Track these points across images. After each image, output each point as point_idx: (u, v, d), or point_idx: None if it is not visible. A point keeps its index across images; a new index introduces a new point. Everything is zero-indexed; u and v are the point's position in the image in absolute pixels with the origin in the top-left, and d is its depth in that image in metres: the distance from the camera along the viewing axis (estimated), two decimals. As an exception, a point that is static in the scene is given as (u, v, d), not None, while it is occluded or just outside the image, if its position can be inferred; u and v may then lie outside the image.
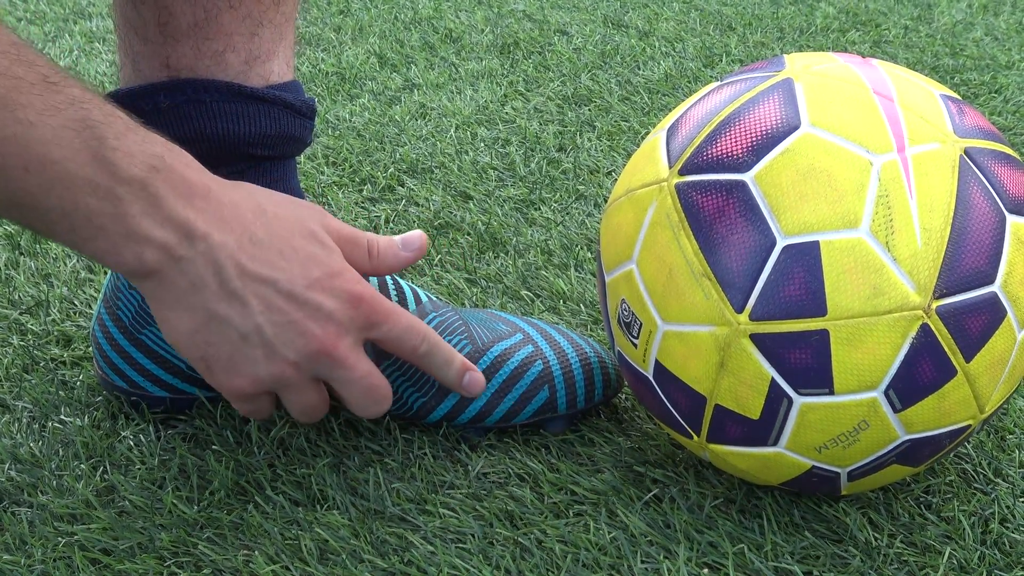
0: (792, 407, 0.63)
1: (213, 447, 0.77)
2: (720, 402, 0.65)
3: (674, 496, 0.72)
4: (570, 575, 0.66)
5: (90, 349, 0.88)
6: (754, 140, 0.64)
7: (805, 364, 0.62)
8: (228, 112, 0.74)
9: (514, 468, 0.75)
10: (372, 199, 1.17)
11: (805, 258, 0.61)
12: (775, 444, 0.65)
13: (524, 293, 0.97)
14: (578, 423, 0.80)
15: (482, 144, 1.31)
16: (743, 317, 0.63)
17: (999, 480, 0.74)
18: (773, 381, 0.63)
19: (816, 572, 0.67)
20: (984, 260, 0.62)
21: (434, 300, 0.81)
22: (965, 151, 0.64)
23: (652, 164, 0.69)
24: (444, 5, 1.92)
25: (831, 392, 0.63)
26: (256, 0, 0.74)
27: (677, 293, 0.65)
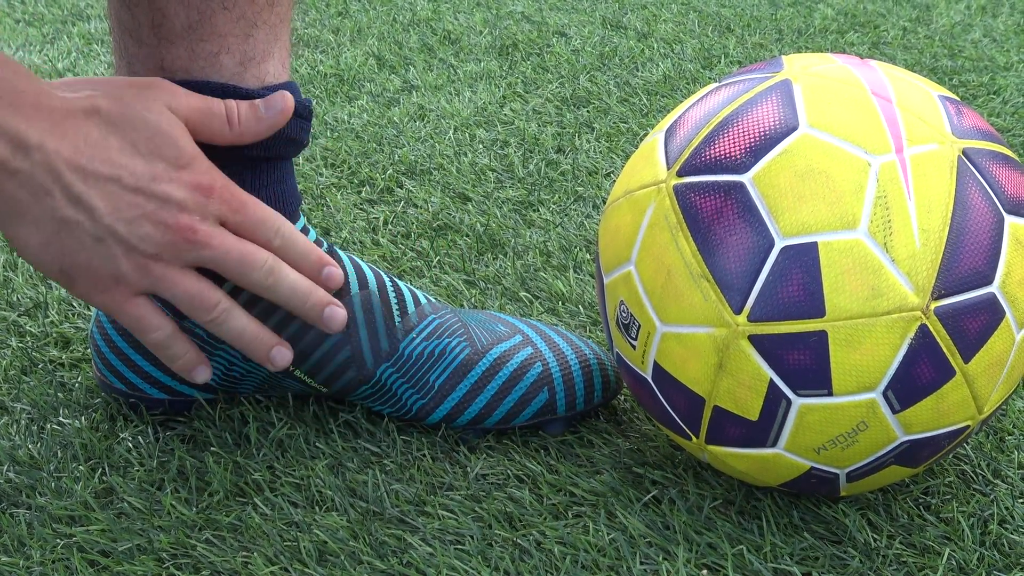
0: (791, 408, 0.63)
1: (212, 449, 0.77)
2: (719, 403, 0.65)
3: (673, 497, 0.72)
4: (569, 576, 0.67)
5: (88, 351, 0.88)
6: (752, 141, 0.64)
7: (804, 365, 0.62)
8: None
9: (513, 469, 0.75)
10: (371, 201, 1.17)
11: (803, 259, 0.61)
12: (774, 445, 0.66)
13: (523, 294, 0.97)
14: (577, 425, 0.80)
15: (481, 146, 1.31)
16: (741, 318, 0.63)
17: (998, 481, 0.74)
18: (772, 382, 0.63)
19: (815, 573, 0.67)
20: (982, 261, 0.62)
21: (433, 302, 0.81)
22: (963, 152, 0.64)
23: (650, 165, 0.69)
24: (443, 7, 1.93)
25: (830, 393, 0.63)
26: (250, 1, 0.74)
27: (675, 294, 0.65)
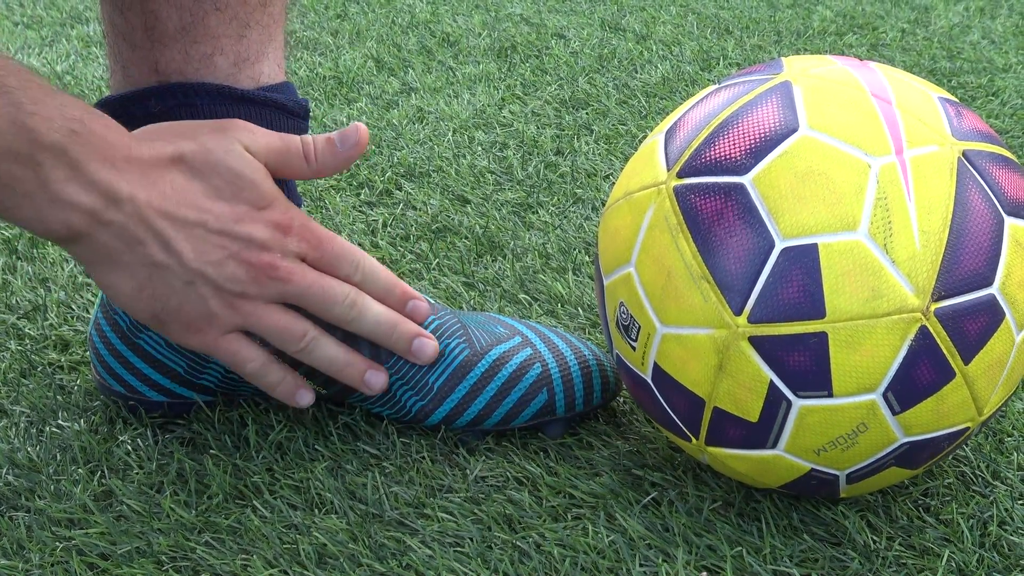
0: (791, 410, 0.63)
1: (211, 451, 0.77)
2: (719, 405, 0.65)
3: (672, 499, 0.72)
4: (569, 579, 0.66)
5: (87, 353, 0.88)
6: (752, 143, 0.64)
7: (804, 366, 0.62)
8: (219, 114, 0.74)
9: (512, 471, 0.75)
10: (370, 203, 1.17)
11: (804, 260, 0.61)
12: (774, 447, 0.65)
13: (522, 296, 0.97)
14: (576, 426, 0.80)
15: (480, 148, 1.31)
16: (742, 320, 0.63)
17: (998, 483, 0.74)
18: (772, 383, 0.63)
19: (814, 575, 0.67)
20: (982, 262, 0.62)
21: (432, 303, 0.81)
22: (963, 154, 0.64)
23: (650, 167, 0.69)
24: (441, 9, 1.93)
25: (830, 394, 0.63)
26: (242, 2, 0.74)
27: (675, 296, 0.65)
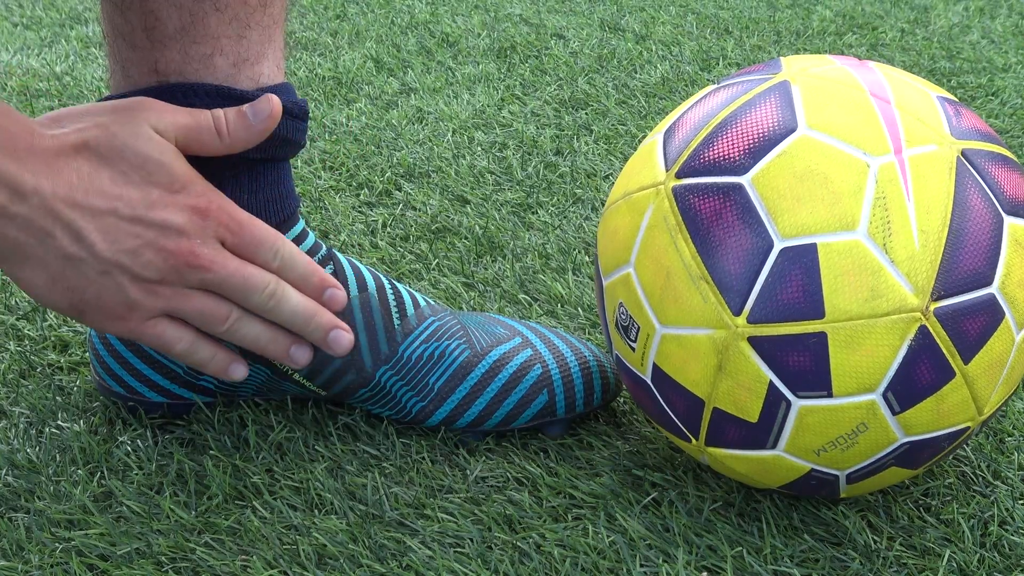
0: (791, 410, 0.63)
1: (211, 452, 0.77)
2: (718, 405, 0.65)
3: (673, 500, 0.72)
4: (569, 579, 0.66)
5: (87, 354, 0.88)
6: (751, 143, 0.64)
7: (803, 367, 0.62)
8: None
9: (512, 472, 0.75)
10: (369, 203, 1.17)
11: (803, 260, 0.61)
12: (774, 447, 0.65)
13: (522, 297, 0.97)
14: (577, 427, 0.80)
15: (479, 148, 1.31)
16: (741, 320, 0.63)
17: (998, 482, 0.74)
18: (771, 384, 0.63)
19: (815, 575, 0.67)
20: (982, 262, 0.62)
21: (432, 304, 0.81)
22: (962, 153, 0.64)
23: (649, 167, 0.68)
24: (441, 9, 1.93)
25: (829, 395, 0.62)
26: (242, 3, 0.74)
27: (675, 296, 0.65)
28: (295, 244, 0.75)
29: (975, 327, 0.62)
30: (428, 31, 1.80)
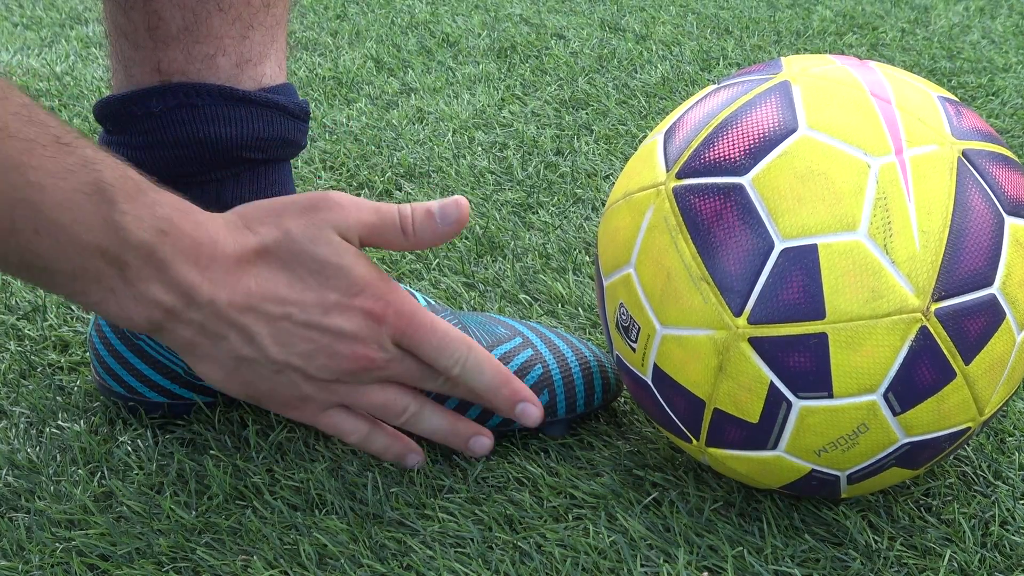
0: (791, 410, 0.63)
1: (211, 452, 0.77)
2: (719, 406, 0.65)
3: (673, 500, 0.72)
4: (569, 579, 0.66)
5: (87, 354, 0.88)
6: (751, 143, 0.64)
7: (804, 367, 0.62)
8: (221, 115, 0.74)
9: (513, 472, 0.75)
10: (370, 203, 1.17)
11: (803, 261, 0.61)
12: (774, 448, 0.65)
13: (522, 297, 0.97)
14: (577, 427, 0.80)
15: (479, 148, 1.31)
16: (741, 321, 0.63)
17: (999, 482, 0.74)
18: (772, 385, 0.63)
19: (816, 575, 0.67)
20: (983, 262, 0.62)
21: (433, 304, 0.81)
22: (963, 153, 0.64)
23: (649, 168, 0.68)
24: (441, 9, 1.93)
25: (830, 395, 0.62)
26: (246, 3, 0.74)
27: (675, 297, 0.65)
28: (487, 350, 0.73)
29: (976, 327, 0.62)
30: (428, 31, 1.80)
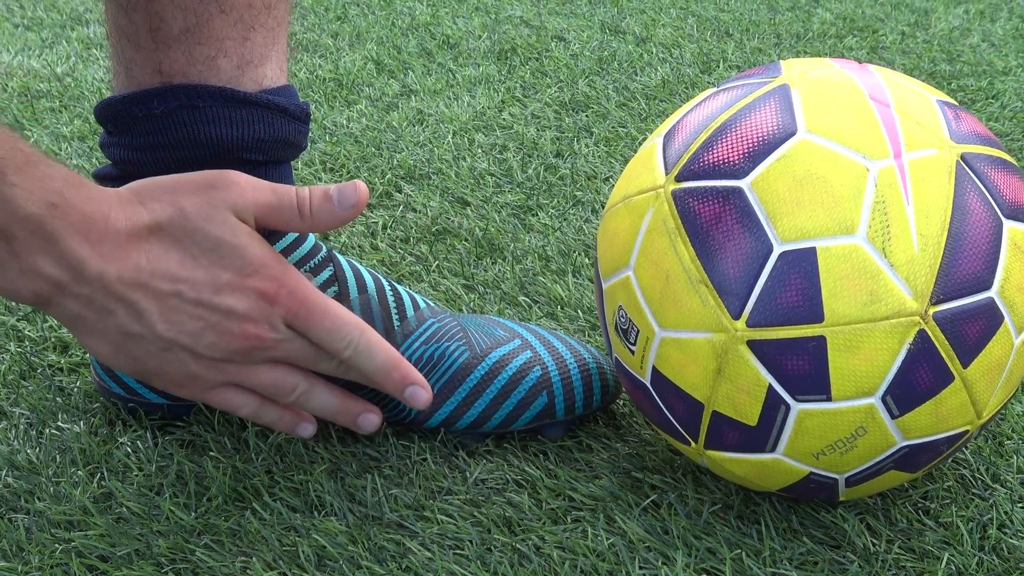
0: (790, 413, 0.63)
1: (210, 453, 0.77)
2: (718, 408, 0.65)
3: (672, 502, 0.72)
4: (568, 581, 0.67)
5: (87, 355, 0.88)
6: (750, 146, 0.64)
7: (802, 370, 0.62)
8: (221, 117, 0.74)
9: (512, 474, 0.75)
10: (370, 205, 1.17)
11: (802, 264, 0.61)
12: (773, 450, 0.65)
13: (522, 299, 0.97)
14: (576, 429, 0.80)
15: (479, 150, 1.31)
16: (740, 324, 0.63)
17: (997, 486, 0.74)
18: (770, 387, 0.63)
19: (814, 578, 0.67)
20: (981, 266, 0.63)
21: (432, 306, 0.81)
22: (962, 157, 0.64)
23: (649, 170, 0.69)
24: (441, 11, 1.93)
25: (828, 398, 0.63)
26: (247, 5, 0.74)
27: (674, 300, 0.65)
28: (380, 335, 0.73)
29: (974, 331, 0.62)
30: (429, 33, 1.80)
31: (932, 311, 0.62)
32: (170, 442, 0.79)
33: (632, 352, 0.69)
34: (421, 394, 0.72)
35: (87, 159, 1.27)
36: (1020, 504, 0.73)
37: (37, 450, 0.78)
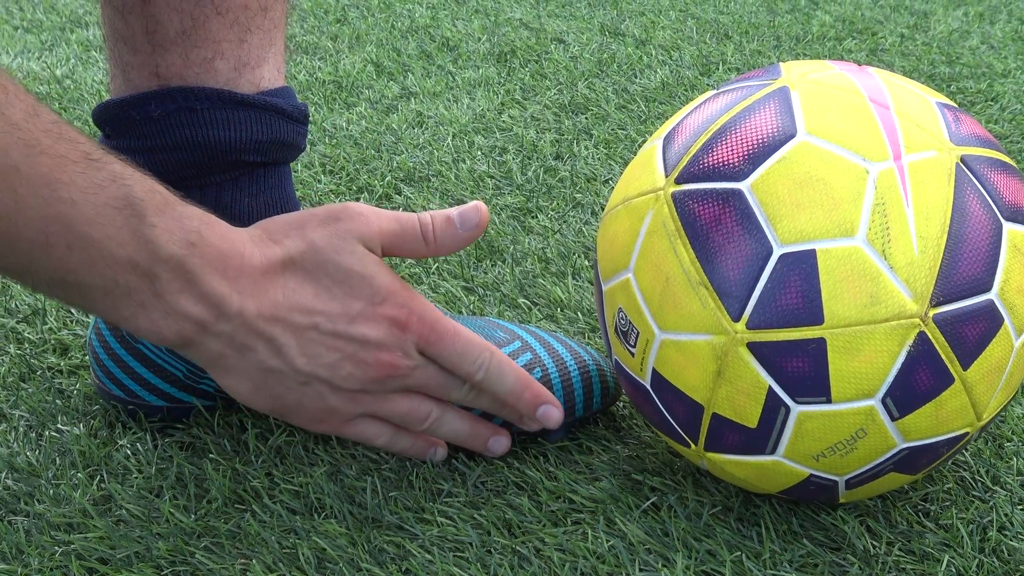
0: (789, 415, 0.63)
1: (210, 456, 0.77)
2: (717, 411, 0.65)
3: (672, 504, 0.72)
4: (568, 584, 0.67)
5: (87, 357, 0.88)
6: (750, 148, 0.64)
7: (802, 372, 0.62)
8: (219, 119, 0.74)
9: (512, 476, 0.75)
10: (369, 207, 1.17)
11: (802, 267, 0.61)
12: (773, 452, 0.65)
13: (521, 301, 0.97)
14: (576, 431, 0.80)
15: (479, 152, 1.31)
16: (740, 326, 0.63)
17: (997, 488, 0.74)
18: (770, 389, 0.63)
19: (814, 580, 0.67)
20: (981, 268, 0.63)
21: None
22: (961, 159, 0.65)
23: (648, 173, 0.69)
24: (441, 13, 1.93)
25: (828, 400, 0.63)
26: (243, 7, 0.74)
27: (674, 302, 0.65)
28: (508, 356, 0.74)
29: (974, 333, 0.62)
30: (428, 35, 1.80)
31: (932, 313, 0.62)
32: (170, 444, 0.79)
33: (632, 354, 0.69)
34: (554, 413, 0.74)
35: (87, 161, 1.27)
36: (1020, 506, 0.73)
37: (37, 452, 0.78)
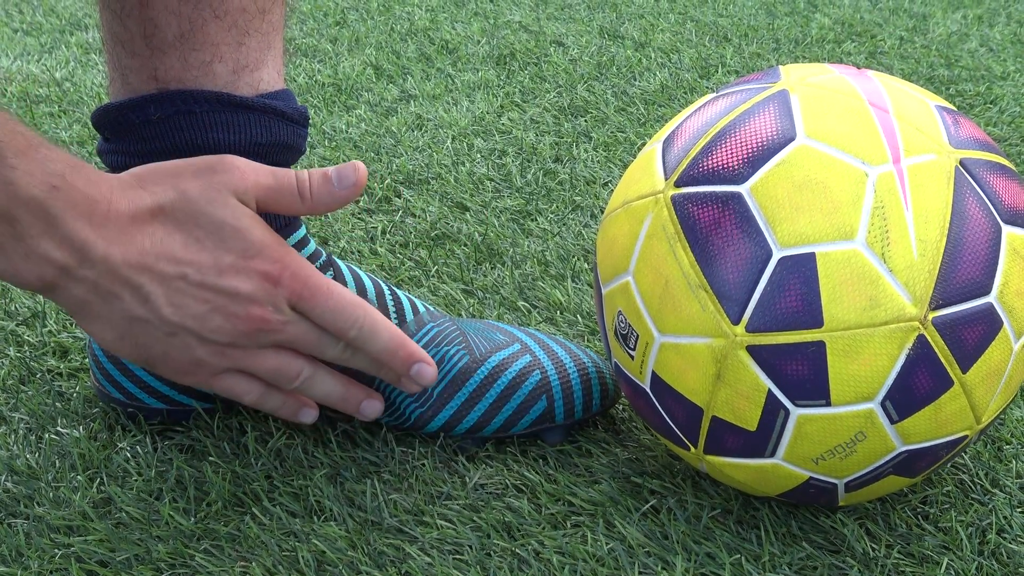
0: (789, 418, 0.64)
1: (210, 458, 0.77)
2: (717, 414, 0.65)
3: (671, 507, 0.72)
4: (567, 586, 0.67)
5: (87, 360, 0.88)
6: (750, 152, 0.65)
7: (802, 375, 0.62)
8: (219, 122, 0.74)
9: (511, 479, 0.75)
10: (369, 210, 1.17)
11: (801, 270, 0.62)
12: (772, 455, 0.66)
13: (521, 304, 0.97)
14: (575, 434, 0.80)
15: (478, 155, 1.31)
16: (739, 329, 0.63)
17: (996, 490, 0.74)
18: (770, 392, 0.63)
19: (813, 583, 0.67)
20: (980, 271, 0.63)
21: (431, 310, 0.81)
22: (960, 162, 0.65)
23: (648, 176, 0.69)
24: (440, 16, 1.93)
25: (828, 403, 0.63)
26: (241, 10, 0.74)
27: (673, 305, 0.65)
28: (372, 306, 0.73)
29: (973, 336, 0.63)
30: (428, 38, 1.80)
31: (931, 316, 0.62)
32: (169, 447, 0.79)
33: (631, 357, 0.69)
34: (427, 371, 0.73)
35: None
36: (1019, 509, 0.73)
37: (36, 455, 0.78)
